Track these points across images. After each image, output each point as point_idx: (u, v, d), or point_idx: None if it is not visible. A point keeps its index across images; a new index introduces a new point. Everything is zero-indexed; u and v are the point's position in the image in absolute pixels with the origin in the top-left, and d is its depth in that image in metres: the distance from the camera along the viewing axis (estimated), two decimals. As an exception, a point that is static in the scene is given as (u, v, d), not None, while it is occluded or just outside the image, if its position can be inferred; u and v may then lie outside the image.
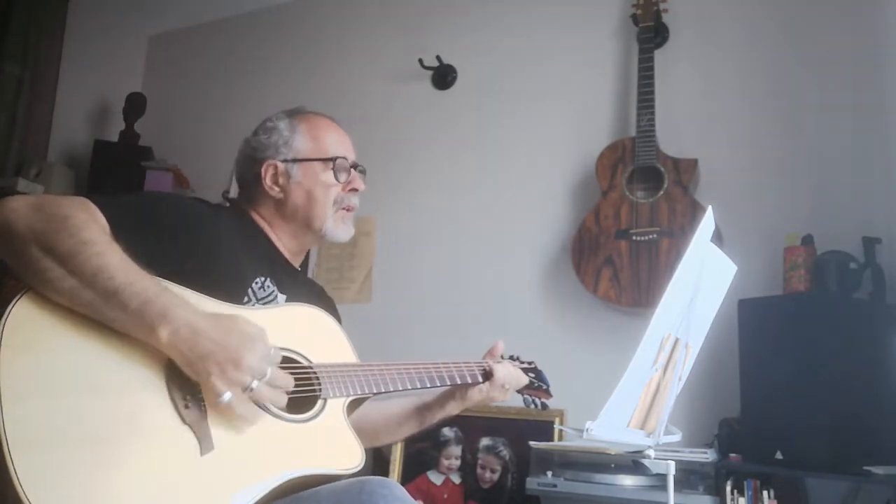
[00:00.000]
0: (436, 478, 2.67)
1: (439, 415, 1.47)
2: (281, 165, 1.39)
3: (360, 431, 1.20)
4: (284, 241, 1.42)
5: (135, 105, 3.61)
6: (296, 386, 1.13)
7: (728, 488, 2.01)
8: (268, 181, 1.39)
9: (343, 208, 1.41)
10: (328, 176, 1.39)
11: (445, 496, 2.63)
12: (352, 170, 1.43)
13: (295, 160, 1.39)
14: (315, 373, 1.18)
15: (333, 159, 1.40)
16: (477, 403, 1.46)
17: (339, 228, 1.41)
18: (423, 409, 1.48)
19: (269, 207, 1.41)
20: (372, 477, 1.04)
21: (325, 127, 1.45)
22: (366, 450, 1.18)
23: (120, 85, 3.77)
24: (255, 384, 1.00)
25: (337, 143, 1.43)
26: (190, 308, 1.01)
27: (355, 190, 1.43)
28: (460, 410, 1.48)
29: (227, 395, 0.98)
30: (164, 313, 0.98)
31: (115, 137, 3.62)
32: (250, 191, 1.43)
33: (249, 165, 1.42)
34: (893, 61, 2.30)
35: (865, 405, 1.92)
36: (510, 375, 1.45)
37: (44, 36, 3.48)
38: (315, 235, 1.41)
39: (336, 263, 3.21)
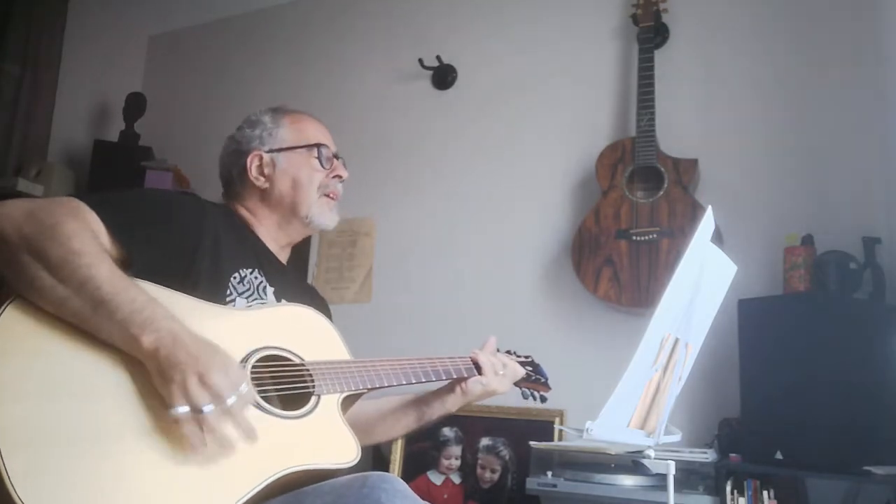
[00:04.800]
0: (436, 478, 2.67)
1: (439, 410, 1.47)
2: (266, 156, 1.43)
3: (355, 428, 1.20)
4: (271, 232, 1.44)
5: (135, 105, 3.61)
6: (289, 383, 1.14)
7: (728, 488, 2.01)
8: (253, 172, 1.43)
9: (326, 195, 1.45)
10: (313, 163, 1.44)
11: (445, 496, 2.63)
12: (334, 158, 1.48)
13: (280, 150, 1.44)
14: (308, 370, 1.19)
15: (317, 146, 1.45)
16: (479, 396, 1.46)
17: (324, 215, 1.45)
18: (422, 405, 1.48)
19: (254, 199, 1.44)
20: (373, 472, 1.04)
21: (307, 119, 1.50)
22: (365, 450, 1.18)
23: (120, 85, 3.77)
24: (208, 408, 0.95)
25: (319, 133, 1.48)
26: (175, 320, 1.01)
27: (339, 177, 1.47)
28: (462, 405, 1.47)
29: (180, 409, 0.94)
30: (150, 322, 0.98)
31: (115, 137, 3.62)
32: (235, 185, 1.46)
33: (235, 159, 1.46)
34: (893, 61, 2.30)
35: (865, 405, 1.92)
36: (497, 362, 1.46)
37: (44, 36, 3.47)
38: (301, 222, 1.44)
39: (336, 263, 3.21)
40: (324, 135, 1.49)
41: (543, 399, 1.60)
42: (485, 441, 2.65)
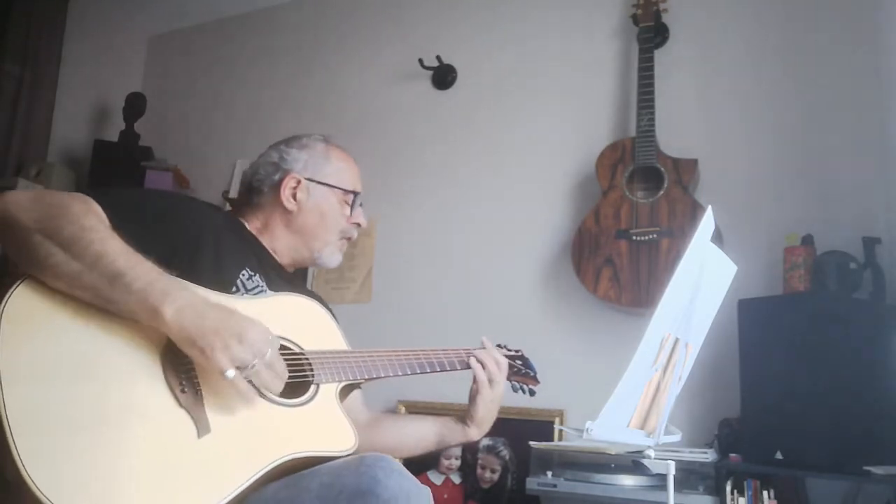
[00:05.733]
0: (436, 478, 2.67)
1: (460, 437, 1.48)
2: (304, 182, 1.44)
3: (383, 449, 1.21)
4: (278, 250, 1.45)
5: (135, 105, 3.61)
6: (289, 371, 1.16)
7: (728, 488, 2.01)
8: (286, 192, 1.43)
9: (342, 238, 1.50)
10: (344, 207, 1.47)
11: (445, 496, 2.63)
12: (360, 206, 1.52)
13: (320, 182, 1.45)
14: (307, 359, 1.22)
15: (354, 193, 1.49)
16: (486, 410, 1.45)
17: (333, 256, 1.49)
18: (443, 429, 1.49)
19: (273, 216, 1.44)
20: (370, 453, 1.07)
21: (351, 161, 1.53)
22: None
23: (120, 85, 3.77)
24: (256, 361, 1.03)
25: (357, 179, 1.52)
26: (191, 290, 1.05)
27: (358, 224, 1.51)
28: (483, 431, 1.48)
29: (232, 372, 1.01)
30: (168, 293, 1.01)
31: (115, 137, 3.62)
32: (260, 196, 1.46)
33: (272, 171, 1.46)
34: (893, 61, 2.30)
35: (865, 405, 1.92)
36: (494, 369, 1.47)
37: (44, 36, 3.48)
38: (310, 255, 1.47)
39: (336, 263, 3.21)
40: (359, 182, 1.52)
41: (532, 393, 1.62)
42: (485, 441, 2.65)
